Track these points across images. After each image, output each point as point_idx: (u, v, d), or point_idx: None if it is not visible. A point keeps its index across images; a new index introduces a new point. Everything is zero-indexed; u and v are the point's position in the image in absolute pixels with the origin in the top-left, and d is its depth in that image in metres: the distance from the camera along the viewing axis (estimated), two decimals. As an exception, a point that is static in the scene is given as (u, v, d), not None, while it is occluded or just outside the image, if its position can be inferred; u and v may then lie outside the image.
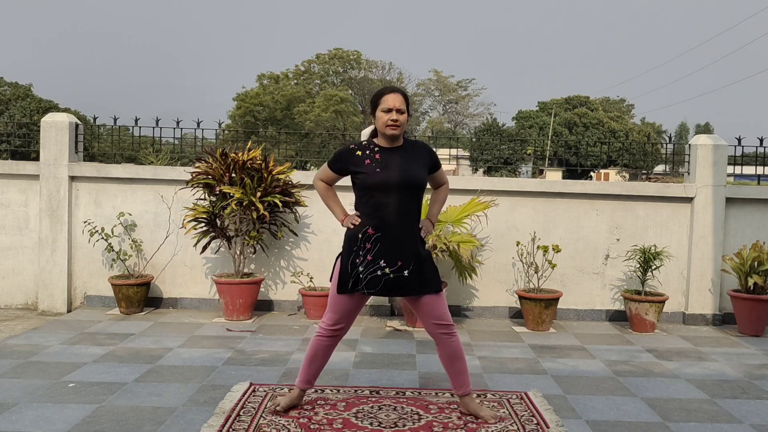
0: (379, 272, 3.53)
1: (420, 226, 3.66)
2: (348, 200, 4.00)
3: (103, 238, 6.42)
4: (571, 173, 28.26)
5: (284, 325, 6.09)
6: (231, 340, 5.49)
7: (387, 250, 3.54)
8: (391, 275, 3.53)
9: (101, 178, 6.62)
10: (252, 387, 4.21)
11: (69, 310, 6.54)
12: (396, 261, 3.54)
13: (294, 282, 6.54)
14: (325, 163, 3.80)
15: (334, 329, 3.71)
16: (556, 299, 6.18)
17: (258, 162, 6.23)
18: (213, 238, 6.35)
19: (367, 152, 3.62)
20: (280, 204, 6.17)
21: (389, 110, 3.55)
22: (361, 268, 3.55)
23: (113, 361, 4.80)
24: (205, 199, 6.37)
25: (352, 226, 3.62)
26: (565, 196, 6.67)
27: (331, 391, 4.15)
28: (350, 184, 3.72)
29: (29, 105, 38.34)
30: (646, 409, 4.04)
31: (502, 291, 6.66)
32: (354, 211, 3.69)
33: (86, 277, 6.66)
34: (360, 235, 3.58)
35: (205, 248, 6.42)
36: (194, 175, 6.25)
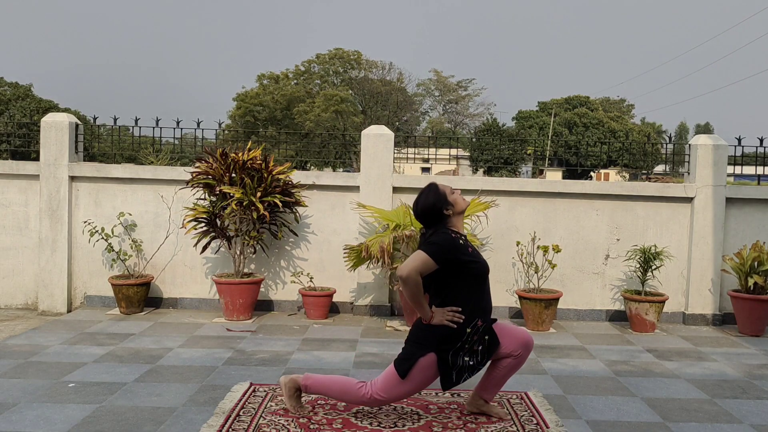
0: (480, 347, 3.54)
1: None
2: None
3: (103, 238, 6.42)
4: (571, 173, 28.27)
5: (284, 325, 6.09)
6: (231, 340, 5.49)
7: (487, 332, 3.57)
8: (489, 338, 3.58)
9: (101, 178, 6.62)
10: (252, 387, 4.21)
11: (69, 310, 6.54)
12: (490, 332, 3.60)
13: (294, 282, 6.54)
14: (422, 255, 3.43)
15: (382, 404, 3.65)
16: (556, 299, 6.18)
17: (258, 162, 6.23)
18: (213, 238, 6.34)
19: (462, 241, 3.56)
20: (280, 204, 6.17)
21: (454, 191, 3.62)
22: (466, 358, 3.52)
23: (113, 361, 4.80)
24: (205, 199, 6.37)
25: (455, 323, 3.48)
26: (565, 196, 6.67)
27: (331, 391, 4.14)
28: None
29: (29, 105, 38.39)
30: (646, 409, 4.04)
31: (502, 291, 6.66)
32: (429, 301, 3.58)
33: (86, 277, 6.66)
34: (469, 329, 3.50)
35: (205, 248, 6.42)
36: (194, 175, 6.25)
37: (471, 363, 3.52)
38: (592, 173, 37.59)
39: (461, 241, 3.55)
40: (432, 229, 3.58)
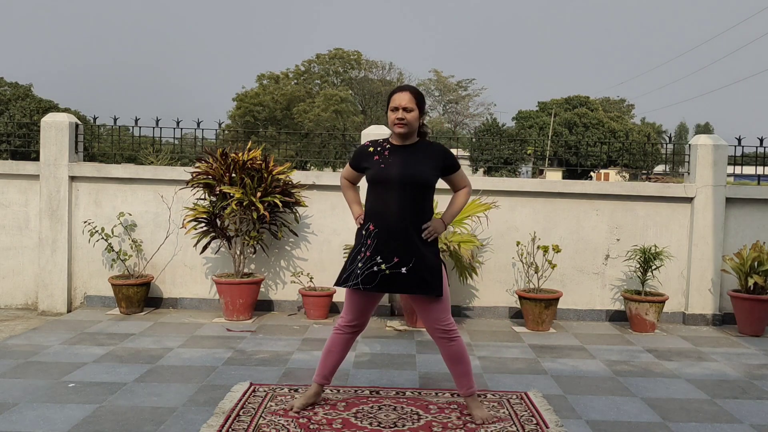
0: (375, 268, 3.54)
1: (426, 225, 3.62)
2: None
3: (103, 238, 6.42)
4: (571, 173, 28.27)
5: (284, 325, 6.09)
6: (231, 340, 5.49)
7: (384, 247, 3.55)
8: (387, 271, 3.53)
9: (101, 178, 6.61)
10: (252, 387, 4.21)
11: (69, 310, 6.54)
12: (392, 257, 3.53)
13: (294, 282, 6.54)
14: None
15: (350, 326, 3.77)
16: (556, 299, 6.18)
17: (258, 162, 6.23)
18: (213, 238, 6.34)
19: (379, 149, 3.70)
20: (280, 204, 6.17)
21: (396, 109, 3.60)
22: (360, 264, 3.58)
23: (113, 361, 4.80)
24: (205, 199, 6.37)
25: (359, 224, 3.76)
26: (565, 196, 6.67)
27: (331, 391, 4.15)
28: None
29: (29, 105, 38.37)
30: (646, 409, 4.04)
31: (502, 291, 6.66)
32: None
33: (86, 277, 6.65)
34: (363, 232, 3.65)
35: (205, 248, 6.42)
36: (194, 175, 6.25)
37: (360, 271, 3.56)
38: (592, 173, 37.57)
39: (371, 149, 3.71)
40: None
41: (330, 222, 6.66)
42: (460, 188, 3.83)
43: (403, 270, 3.52)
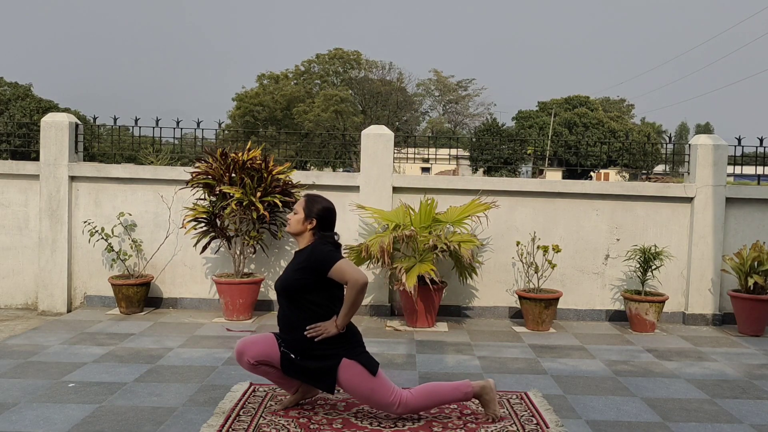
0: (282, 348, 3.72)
1: (313, 326, 3.60)
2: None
3: (103, 238, 6.42)
4: (571, 173, 28.30)
5: (284, 325, 6.09)
6: (231, 340, 5.49)
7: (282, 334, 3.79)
8: (283, 349, 3.70)
9: (101, 178, 6.61)
10: (252, 387, 4.21)
11: (69, 310, 6.54)
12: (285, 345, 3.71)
13: (294, 282, 6.53)
14: None
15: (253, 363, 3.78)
16: (556, 299, 6.18)
17: (258, 162, 6.23)
18: (213, 238, 6.34)
19: None
20: (280, 204, 6.17)
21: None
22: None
23: (113, 361, 4.81)
24: (205, 199, 6.37)
25: None
26: (565, 196, 6.67)
27: (331, 391, 4.14)
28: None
29: (29, 105, 38.35)
30: (646, 409, 4.04)
31: (502, 291, 6.66)
32: None
33: (86, 277, 6.65)
34: None
35: (205, 248, 6.41)
36: (194, 175, 6.25)
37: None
38: (592, 173, 37.60)
39: None
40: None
41: (330, 222, 6.65)
42: (344, 283, 3.60)
43: (292, 356, 3.66)
